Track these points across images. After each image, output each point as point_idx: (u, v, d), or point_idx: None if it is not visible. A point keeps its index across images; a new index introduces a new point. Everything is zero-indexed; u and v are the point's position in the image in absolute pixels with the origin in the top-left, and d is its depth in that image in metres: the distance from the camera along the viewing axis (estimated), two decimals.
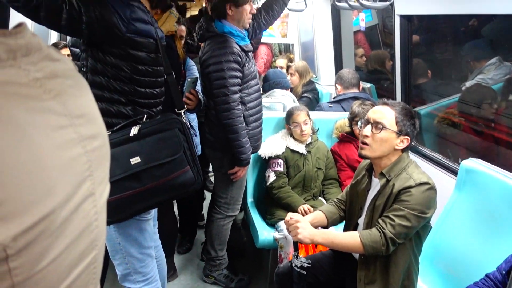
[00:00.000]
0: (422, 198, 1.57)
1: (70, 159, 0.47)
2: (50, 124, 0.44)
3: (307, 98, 3.60)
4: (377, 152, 1.67)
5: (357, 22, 4.15)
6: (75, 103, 0.50)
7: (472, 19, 3.15)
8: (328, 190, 2.63)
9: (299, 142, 2.58)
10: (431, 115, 2.96)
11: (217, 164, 2.43)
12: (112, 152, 1.67)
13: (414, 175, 1.62)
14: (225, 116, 2.15)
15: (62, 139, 0.46)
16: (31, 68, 0.44)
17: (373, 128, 1.67)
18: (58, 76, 0.48)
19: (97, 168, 0.54)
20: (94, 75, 1.56)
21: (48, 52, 0.48)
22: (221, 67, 2.10)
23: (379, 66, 4.09)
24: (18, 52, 0.43)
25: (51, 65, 0.47)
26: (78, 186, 0.48)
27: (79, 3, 1.41)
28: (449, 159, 2.38)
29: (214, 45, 2.14)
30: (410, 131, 1.68)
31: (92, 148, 0.52)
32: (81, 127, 0.50)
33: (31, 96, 0.42)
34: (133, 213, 1.65)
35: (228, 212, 2.48)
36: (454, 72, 3.53)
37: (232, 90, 2.12)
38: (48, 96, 0.45)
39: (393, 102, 1.73)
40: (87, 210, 0.52)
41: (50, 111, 0.45)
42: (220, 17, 2.19)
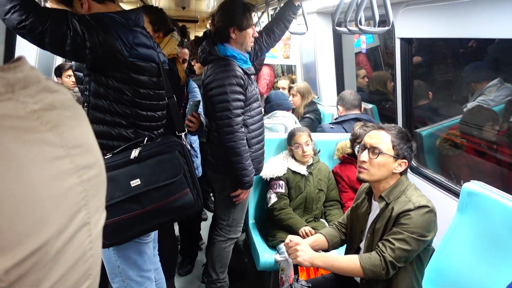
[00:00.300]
0: (422, 221, 1.56)
1: (65, 189, 0.47)
2: (46, 156, 0.45)
3: (309, 118, 3.62)
4: (375, 176, 1.68)
5: (359, 44, 4.20)
6: (72, 133, 0.51)
7: (471, 41, 3.18)
8: (329, 212, 2.62)
9: (300, 163, 2.58)
10: (433, 136, 2.95)
11: (219, 186, 2.41)
12: (112, 175, 1.68)
13: (413, 198, 1.62)
14: (228, 139, 2.14)
15: (57, 170, 0.46)
16: (29, 101, 0.45)
17: (370, 153, 1.68)
18: (56, 107, 0.49)
19: (92, 197, 0.54)
20: (97, 98, 1.59)
21: (46, 84, 0.50)
22: (224, 90, 2.10)
23: (381, 87, 4.12)
24: (17, 85, 0.44)
25: (49, 96, 0.49)
26: (73, 216, 0.49)
27: (83, 29, 1.44)
28: (451, 181, 2.36)
29: (217, 68, 2.15)
30: (407, 154, 1.69)
31: (88, 177, 0.53)
32: (77, 157, 0.51)
33: (28, 129, 0.43)
34: (133, 236, 1.65)
35: (230, 234, 2.46)
36: (455, 93, 3.54)
37: (235, 113, 2.12)
38: (45, 128, 0.46)
39: (388, 126, 1.74)
40: (81, 240, 0.52)
41: (46, 142, 0.46)
42: (223, 40, 2.20)
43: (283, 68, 5.91)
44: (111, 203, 1.54)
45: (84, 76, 1.64)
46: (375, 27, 1.95)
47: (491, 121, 2.62)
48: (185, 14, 8.38)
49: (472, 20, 2.00)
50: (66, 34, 1.42)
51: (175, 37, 2.19)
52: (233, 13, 2.15)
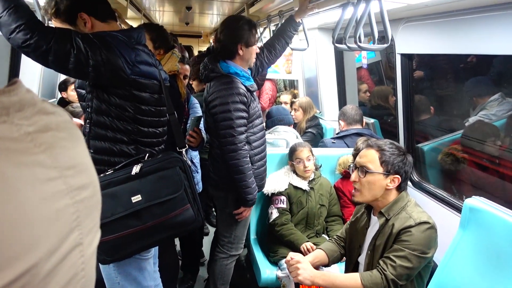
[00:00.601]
0: (423, 238, 1.55)
1: (57, 210, 0.47)
2: (38, 177, 0.45)
3: (311, 133, 3.63)
4: (367, 196, 1.68)
5: (360, 59, 4.23)
6: (66, 154, 0.52)
7: (471, 56, 3.20)
8: (331, 227, 2.61)
9: (302, 178, 2.58)
10: (435, 151, 2.95)
11: (221, 203, 2.38)
12: (113, 191, 1.68)
13: (414, 214, 1.61)
14: (231, 157, 2.12)
15: (50, 191, 0.47)
16: (24, 123, 0.46)
17: (359, 173, 1.68)
18: (51, 129, 0.50)
19: (86, 217, 0.54)
20: (99, 115, 1.60)
21: (42, 106, 0.50)
22: (228, 108, 2.08)
23: (383, 101, 4.13)
24: (11, 108, 0.45)
25: (44, 118, 0.49)
26: (65, 237, 0.49)
27: (87, 47, 1.46)
28: (454, 196, 2.35)
29: (220, 85, 2.13)
30: (399, 168, 1.67)
31: (81, 198, 0.53)
32: (70, 178, 0.51)
33: (21, 151, 0.44)
34: (133, 252, 1.66)
35: (231, 251, 2.43)
36: (457, 108, 3.55)
37: (238, 131, 2.11)
38: (39, 149, 0.46)
39: (378, 143, 1.73)
40: (74, 260, 0.52)
41: (39, 164, 0.46)
42: (229, 57, 2.19)
43: (285, 83, 5.95)
44: (112, 219, 1.55)
45: (87, 93, 1.66)
46: (375, 43, 1.97)
47: (493, 136, 2.62)
48: (188, 30, 8.48)
49: (471, 36, 2.02)
50: (70, 52, 1.44)
51: (175, 54, 2.22)
52: (240, 30, 2.15)
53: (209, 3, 4.30)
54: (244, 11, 3.97)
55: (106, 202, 1.55)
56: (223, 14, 5.34)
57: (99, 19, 1.62)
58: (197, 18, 6.22)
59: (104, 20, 1.63)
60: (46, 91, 4.23)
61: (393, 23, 2.49)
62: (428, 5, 2.08)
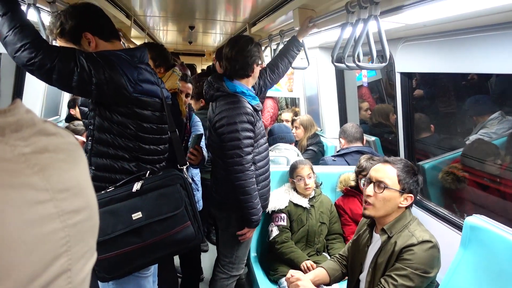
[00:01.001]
0: (425, 257, 1.54)
1: (43, 235, 0.46)
2: (27, 199, 0.44)
3: (312, 151, 3.64)
4: (380, 211, 1.67)
5: (361, 78, 4.27)
6: (61, 177, 0.51)
7: (470, 74, 3.23)
8: (332, 245, 2.59)
9: (302, 196, 2.58)
10: (436, 169, 2.95)
11: (223, 224, 2.34)
12: (114, 208, 1.69)
13: (417, 232, 1.60)
14: (238, 178, 2.08)
15: (37, 214, 0.45)
16: (20, 144, 0.45)
17: (375, 188, 1.67)
18: (48, 150, 0.49)
19: (77, 242, 0.52)
20: (101, 132, 1.62)
21: (42, 127, 0.50)
22: (235, 128, 2.05)
23: (384, 119, 4.15)
24: (7, 129, 0.45)
25: (43, 139, 0.49)
26: (50, 263, 0.47)
27: (90, 66, 1.49)
28: (455, 214, 2.34)
29: (226, 105, 2.10)
30: (414, 188, 1.68)
31: (73, 222, 0.51)
32: (63, 202, 0.49)
33: (12, 171, 0.44)
34: (133, 269, 1.65)
35: (232, 272, 2.39)
36: (457, 126, 3.56)
37: (246, 151, 2.07)
38: (31, 171, 0.46)
39: (394, 160, 1.73)
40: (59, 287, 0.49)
41: (29, 186, 0.45)
42: (242, 77, 2.18)
43: (287, 101, 5.99)
44: (112, 236, 1.55)
45: (89, 110, 1.68)
46: (374, 62, 2.00)
47: (492, 155, 2.63)
48: (192, 48, 8.59)
49: (469, 55, 2.04)
50: (73, 70, 1.47)
51: (176, 72, 2.25)
52: (252, 51, 2.14)
53: (212, 22, 4.37)
54: (246, 31, 4.03)
55: (106, 219, 1.56)
56: (226, 33, 5.42)
57: (103, 38, 1.65)
58: (200, 37, 6.30)
59: (107, 40, 1.67)
60: (49, 108, 4.27)
61: (393, 42, 2.53)
62: (426, 25, 2.12)
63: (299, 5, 2.42)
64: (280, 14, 2.82)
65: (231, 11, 3.59)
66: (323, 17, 2.23)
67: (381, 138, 3.82)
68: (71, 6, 1.66)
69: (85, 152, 1.69)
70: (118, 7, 3.23)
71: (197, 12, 3.76)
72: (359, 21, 1.83)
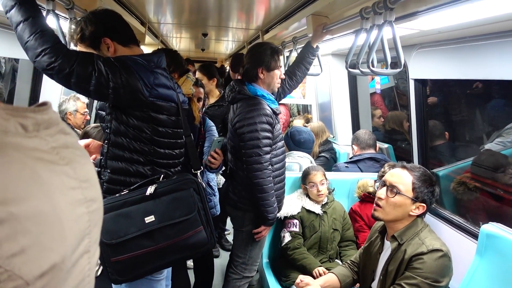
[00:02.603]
0: (435, 266, 1.52)
1: (77, 216, 0.53)
2: (65, 185, 0.52)
3: (324, 157, 3.63)
4: (389, 216, 1.65)
5: (373, 85, 4.26)
6: (82, 169, 0.58)
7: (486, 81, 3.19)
8: (345, 252, 2.57)
9: (315, 202, 2.57)
10: (450, 176, 2.91)
11: (237, 223, 2.40)
12: (128, 211, 1.71)
13: (427, 241, 1.58)
14: (256, 176, 2.15)
15: (72, 198, 0.53)
16: (49, 139, 0.52)
17: (388, 192, 1.66)
18: (69, 146, 0.56)
19: (94, 228, 0.60)
20: (117, 136, 1.64)
21: (62, 126, 0.57)
22: (255, 128, 2.13)
23: (397, 126, 4.12)
24: (42, 125, 0.51)
25: (63, 137, 0.56)
26: (79, 241, 0.54)
27: (108, 70, 1.52)
28: (469, 222, 2.31)
29: (247, 107, 2.19)
30: (428, 198, 1.65)
31: (92, 209, 0.59)
32: (86, 190, 0.57)
33: (51, 161, 0.50)
34: (145, 272, 1.66)
35: (245, 272, 2.42)
36: (472, 133, 3.51)
37: (264, 151, 2.15)
38: (63, 162, 0.53)
39: (413, 166, 1.71)
40: (83, 265, 0.56)
41: (65, 174, 0.53)
42: (252, 80, 2.27)
43: (299, 108, 5.99)
44: (125, 238, 1.56)
45: (106, 114, 1.71)
46: (388, 68, 1.99)
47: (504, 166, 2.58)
48: (204, 56, 8.66)
49: (485, 62, 2.03)
50: (91, 75, 1.49)
51: (190, 78, 2.27)
52: (262, 55, 2.24)
53: (225, 29, 4.41)
54: (259, 38, 4.06)
55: (120, 222, 1.57)
56: (238, 41, 5.46)
57: (121, 44, 1.68)
58: (213, 44, 6.36)
59: (126, 45, 1.69)
60: None
61: (407, 49, 2.52)
62: (441, 31, 2.11)
63: (313, 12, 2.43)
64: (293, 21, 2.84)
65: (243, 18, 3.62)
66: (337, 24, 2.23)
67: (394, 145, 3.79)
68: (91, 12, 1.70)
69: (101, 155, 1.71)
70: (133, 14, 3.28)
71: (210, 20, 3.80)
72: (373, 27, 1.83)
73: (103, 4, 2.34)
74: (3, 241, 0.40)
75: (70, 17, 2.01)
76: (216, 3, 2.96)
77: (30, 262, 0.42)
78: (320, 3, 2.24)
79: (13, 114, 0.48)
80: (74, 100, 3.28)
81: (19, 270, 0.41)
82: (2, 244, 0.40)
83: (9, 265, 0.41)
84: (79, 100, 3.30)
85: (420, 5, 1.63)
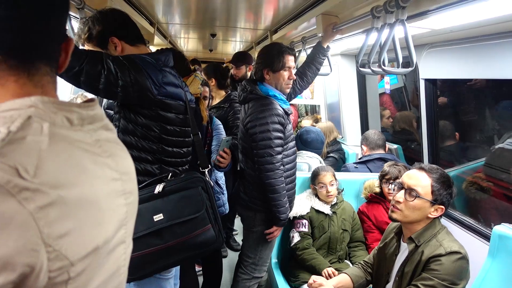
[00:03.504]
0: (453, 268, 1.50)
1: (116, 206, 0.57)
2: (107, 176, 0.56)
3: (333, 158, 3.61)
4: (408, 218, 1.63)
5: (383, 85, 4.22)
6: (123, 163, 0.63)
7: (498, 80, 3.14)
8: (354, 253, 2.55)
9: (324, 202, 2.56)
10: (461, 177, 2.88)
11: (248, 223, 2.39)
12: None
13: (445, 242, 1.56)
14: (268, 176, 2.14)
15: (112, 189, 0.57)
16: (93, 133, 0.56)
17: (406, 195, 1.63)
18: (110, 141, 0.61)
19: (130, 219, 0.64)
20: (125, 134, 1.64)
21: (106, 123, 0.62)
22: (267, 128, 2.13)
23: (407, 126, 4.08)
24: (86, 120, 0.56)
25: (105, 133, 0.60)
26: (117, 230, 0.58)
27: (116, 68, 1.52)
28: (481, 223, 2.27)
29: (259, 107, 2.19)
30: (446, 200, 1.62)
31: (130, 201, 0.63)
32: (125, 183, 0.62)
33: (95, 153, 0.55)
34: (154, 271, 1.66)
35: (254, 273, 2.42)
36: (483, 134, 3.47)
37: (276, 151, 2.15)
38: (105, 154, 0.57)
39: (431, 168, 1.67)
40: (119, 255, 0.61)
41: (107, 165, 0.57)
42: (260, 80, 2.28)
43: (307, 108, 5.97)
44: (134, 237, 1.56)
45: (114, 113, 1.71)
46: (398, 67, 1.97)
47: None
48: (212, 56, 8.68)
49: (496, 61, 2.00)
50: (100, 73, 1.49)
51: (198, 77, 2.26)
52: (267, 56, 2.25)
53: (233, 30, 4.41)
54: (268, 38, 4.05)
55: None
56: (246, 41, 5.45)
57: (128, 43, 1.68)
58: (221, 45, 6.36)
59: (133, 44, 1.70)
60: None
61: (417, 49, 2.50)
62: (453, 31, 2.08)
63: (323, 12, 2.41)
64: (302, 21, 2.82)
65: (252, 18, 3.61)
66: (347, 23, 2.22)
67: (403, 146, 3.76)
68: (98, 12, 1.70)
69: None
70: (143, 15, 3.29)
71: (218, 20, 3.80)
72: (384, 26, 1.82)
73: (113, 5, 2.34)
74: (53, 221, 0.43)
75: (80, 17, 2.02)
76: (224, 4, 2.96)
77: (75, 244, 0.46)
78: (330, 3, 2.22)
79: (61, 108, 0.51)
80: (82, 99, 3.30)
81: (65, 250, 0.44)
82: (53, 224, 0.43)
83: (57, 245, 0.44)
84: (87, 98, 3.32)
85: (432, 3, 1.61)
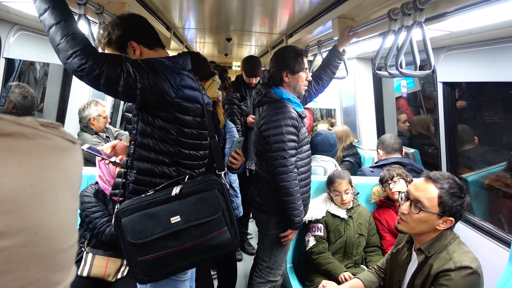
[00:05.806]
0: (463, 284, 1.44)
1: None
2: None
3: (348, 162, 3.58)
4: (414, 230, 1.58)
5: (399, 88, 4.18)
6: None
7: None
8: (370, 258, 2.52)
9: (340, 206, 2.54)
10: (480, 182, 2.83)
11: (263, 226, 2.38)
12: (153, 211, 1.74)
13: (455, 255, 1.49)
14: (282, 179, 2.14)
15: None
16: None
17: (411, 207, 1.57)
18: None
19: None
20: (143, 137, 1.67)
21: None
22: (281, 131, 2.13)
23: (424, 130, 4.03)
24: None
25: None
26: None
27: (135, 71, 1.54)
28: (502, 229, 2.23)
29: (273, 110, 2.20)
30: (457, 211, 1.53)
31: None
32: None
33: None
34: (170, 272, 1.67)
35: (269, 277, 2.41)
36: (503, 138, 3.40)
37: (290, 154, 2.15)
38: None
39: (439, 177, 1.57)
40: None
41: None
42: (277, 84, 2.28)
43: (322, 112, 5.95)
44: (151, 238, 1.58)
45: (133, 116, 1.73)
46: (416, 70, 1.95)
47: None
48: (227, 60, 8.76)
49: None
50: (120, 76, 1.52)
51: (216, 81, 2.28)
52: (285, 58, 2.25)
53: (248, 34, 4.43)
54: (283, 42, 4.06)
55: (146, 222, 1.59)
56: (262, 45, 5.48)
57: (147, 46, 1.71)
58: (236, 49, 6.40)
59: (152, 48, 1.72)
60: None
61: (435, 52, 2.47)
62: (471, 33, 2.06)
63: (339, 15, 2.41)
64: (318, 25, 2.83)
65: (267, 23, 3.63)
66: (364, 26, 2.21)
67: (420, 150, 3.71)
68: (118, 17, 1.73)
69: (127, 156, 1.74)
70: (160, 20, 3.34)
71: (233, 24, 3.82)
72: (402, 28, 1.80)
73: (131, 10, 2.38)
74: None
75: (99, 22, 2.06)
76: (240, 8, 2.98)
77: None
78: (346, 6, 2.22)
79: None
80: (95, 105, 3.30)
81: None
82: None
83: None
84: (100, 104, 3.33)
85: (450, 5, 1.59)
